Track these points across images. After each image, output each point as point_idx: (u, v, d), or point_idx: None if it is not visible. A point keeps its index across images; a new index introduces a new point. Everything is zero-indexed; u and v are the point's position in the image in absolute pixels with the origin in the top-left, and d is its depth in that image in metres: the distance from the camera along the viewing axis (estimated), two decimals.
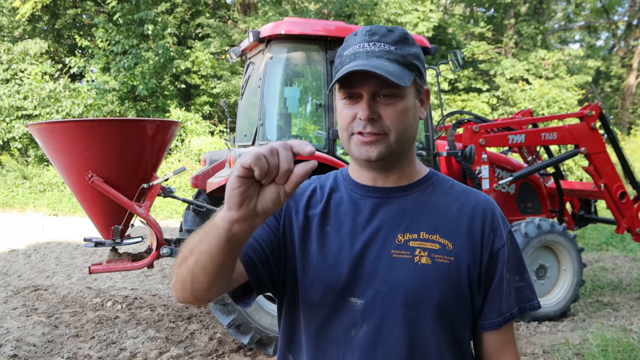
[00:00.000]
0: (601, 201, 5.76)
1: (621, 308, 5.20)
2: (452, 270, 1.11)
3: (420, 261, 1.10)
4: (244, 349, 4.12)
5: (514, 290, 1.18)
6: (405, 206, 1.16)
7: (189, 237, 1.03)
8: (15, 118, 14.74)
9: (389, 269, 1.11)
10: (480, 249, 1.13)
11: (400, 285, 1.10)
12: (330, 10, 15.59)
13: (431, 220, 1.14)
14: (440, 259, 1.11)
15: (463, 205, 1.17)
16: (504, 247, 1.15)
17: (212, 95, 15.88)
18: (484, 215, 1.16)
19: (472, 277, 1.13)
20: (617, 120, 21.62)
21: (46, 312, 4.75)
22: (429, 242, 1.12)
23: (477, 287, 1.14)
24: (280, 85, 4.49)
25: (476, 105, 16.39)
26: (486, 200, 1.19)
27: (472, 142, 4.81)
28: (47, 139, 3.88)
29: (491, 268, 1.15)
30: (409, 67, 1.10)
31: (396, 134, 1.10)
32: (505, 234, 1.16)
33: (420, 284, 1.10)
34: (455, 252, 1.12)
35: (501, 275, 1.15)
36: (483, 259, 1.14)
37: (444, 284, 1.10)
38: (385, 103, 1.09)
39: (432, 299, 1.10)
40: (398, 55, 1.09)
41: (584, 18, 24.93)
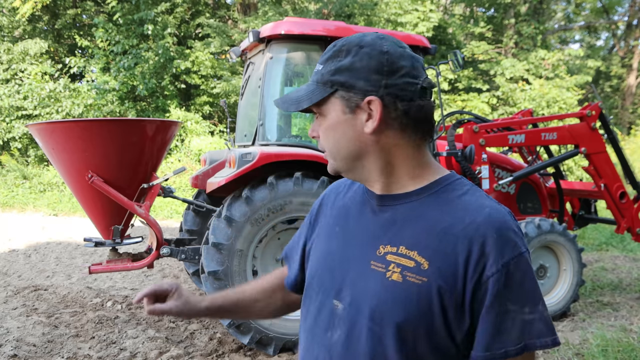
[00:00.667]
0: (601, 201, 5.76)
1: (621, 308, 5.20)
2: (422, 292, 1.02)
3: (392, 277, 1.06)
4: (244, 349, 4.12)
5: (519, 323, 1.01)
6: (395, 216, 1.11)
7: None
8: (15, 118, 14.73)
9: (365, 280, 1.10)
10: (463, 275, 1.01)
11: (368, 298, 1.08)
12: (330, 10, 15.59)
13: (414, 235, 1.07)
14: (412, 278, 1.04)
15: (456, 222, 1.04)
16: (497, 276, 1.00)
17: (212, 95, 15.89)
18: (474, 238, 1.01)
19: (446, 303, 1.02)
20: (617, 120, 21.62)
21: (46, 312, 4.75)
22: (405, 258, 1.06)
23: (456, 314, 1.03)
24: (280, 85, 4.50)
25: (476, 105, 16.39)
26: (486, 220, 1.03)
27: (472, 142, 4.81)
28: (47, 139, 3.88)
29: (479, 298, 1.01)
30: (325, 84, 1.08)
31: (329, 150, 1.13)
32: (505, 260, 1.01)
33: (386, 301, 1.05)
34: (430, 273, 1.02)
35: (490, 306, 1.00)
36: (467, 286, 1.01)
37: (411, 305, 1.03)
38: (318, 122, 1.14)
39: (395, 318, 1.04)
40: (320, 74, 1.10)
41: (584, 18, 24.93)
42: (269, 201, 3.90)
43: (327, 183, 4.03)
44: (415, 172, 1.13)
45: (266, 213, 3.91)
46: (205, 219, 4.98)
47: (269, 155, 3.97)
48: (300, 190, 3.95)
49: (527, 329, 1.02)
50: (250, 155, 3.93)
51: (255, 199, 3.88)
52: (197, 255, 4.27)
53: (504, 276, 1.00)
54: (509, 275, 1.00)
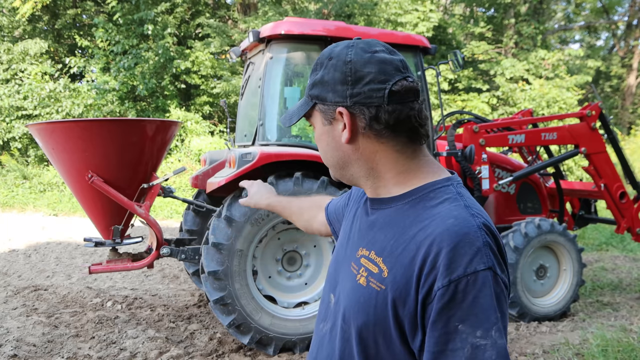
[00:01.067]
0: (601, 201, 5.76)
1: (621, 308, 5.20)
2: (379, 299, 1.02)
3: (359, 280, 1.09)
4: (244, 349, 4.12)
5: (470, 347, 0.92)
6: (377, 220, 1.13)
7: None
8: (15, 118, 14.73)
9: (345, 280, 1.15)
10: (415, 287, 0.97)
11: (343, 297, 1.13)
12: (330, 10, 15.58)
13: (385, 240, 1.07)
14: (373, 284, 1.04)
15: (421, 230, 1.01)
16: (442, 290, 0.93)
17: (212, 95, 15.88)
18: (430, 248, 0.97)
19: (400, 313, 0.99)
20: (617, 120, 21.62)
21: (46, 312, 4.74)
22: (372, 263, 1.07)
23: (411, 327, 0.99)
24: (280, 85, 4.49)
25: (476, 105, 16.38)
26: (446, 230, 0.97)
27: (472, 142, 4.81)
28: (47, 139, 3.87)
29: (428, 312, 0.96)
30: (308, 98, 1.14)
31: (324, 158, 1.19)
32: (455, 276, 0.93)
33: (351, 303, 1.09)
34: (388, 281, 1.02)
35: (435, 322, 0.94)
36: (418, 298, 0.97)
37: (370, 310, 1.04)
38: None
39: (357, 321, 1.07)
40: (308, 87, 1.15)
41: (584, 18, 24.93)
42: None
43: (327, 183, 4.03)
44: (400, 178, 1.11)
45: (266, 213, 3.91)
46: (205, 219, 4.98)
47: (269, 155, 3.97)
48: (300, 190, 3.95)
49: (478, 355, 0.92)
50: (250, 155, 3.93)
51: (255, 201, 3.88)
52: (197, 255, 4.27)
53: (451, 292, 0.93)
54: (457, 292, 0.93)
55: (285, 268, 4.34)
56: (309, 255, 4.36)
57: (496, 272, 0.96)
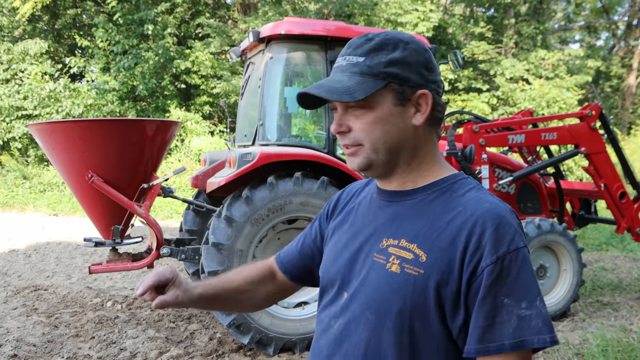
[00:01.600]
0: (601, 201, 5.76)
1: (621, 308, 5.20)
2: (418, 283, 1.05)
3: (391, 268, 1.09)
4: (244, 349, 4.12)
5: (516, 318, 1.00)
6: (400, 211, 1.15)
7: None
8: (15, 118, 14.73)
9: (368, 271, 1.14)
10: (459, 267, 1.03)
11: (369, 289, 1.12)
12: (330, 10, 15.59)
13: (416, 228, 1.10)
14: (409, 269, 1.06)
15: (456, 216, 1.07)
16: (491, 267, 1.00)
17: (212, 95, 15.88)
18: (473, 229, 1.03)
19: (442, 294, 1.04)
20: (617, 120, 21.62)
21: (46, 312, 4.74)
22: (404, 250, 1.09)
23: (452, 307, 1.04)
24: (280, 85, 4.50)
25: (476, 105, 16.39)
26: (485, 213, 1.05)
27: (472, 142, 4.81)
28: (47, 139, 3.88)
29: (474, 289, 1.02)
30: (376, 77, 1.08)
31: (370, 144, 1.11)
32: (501, 253, 1.01)
33: (384, 291, 1.09)
34: (427, 265, 1.05)
35: (484, 297, 1.00)
36: (462, 277, 1.02)
37: (407, 296, 1.05)
38: (355, 115, 1.11)
39: (392, 309, 1.07)
40: (364, 67, 1.09)
41: (584, 18, 24.94)
42: (269, 201, 3.90)
43: (327, 183, 4.02)
44: (431, 169, 1.17)
45: (266, 213, 3.91)
46: (205, 219, 4.98)
47: (269, 155, 3.97)
48: (300, 190, 3.95)
49: (524, 324, 0.99)
50: (250, 155, 3.93)
51: (255, 199, 3.88)
52: (197, 255, 4.27)
53: (499, 268, 1.00)
54: (503, 268, 1.01)
55: None
56: None
57: (529, 249, 1.08)
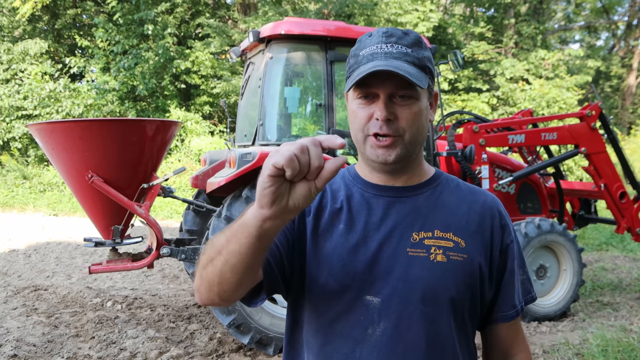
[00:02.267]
0: (601, 201, 5.76)
1: (621, 308, 5.20)
2: (466, 267, 1.14)
3: (436, 259, 1.13)
4: (244, 349, 4.12)
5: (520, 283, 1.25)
6: (418, 205, 1.18)
7: (212, 238, 1.03)
8: (15, 118, 14.73)
9: (406, 267, 1.12)
10: (490, 246, 1.18)
11: (417, 283, 1.12)
12: (330, 10, 15.59)
13: (444, 218, 1.17)
14: (455, 256, 1.14)
15: (472, 204, 1.21)
16: (513, 243, 1.21)
17: (212, 95, 15.88)
18: (492, 213, 1.21)
19: (483, 273, 1.17)
20: (617, 120, 21.62)
21: (46, 312, 4.74)
22: (443, 240, 1.15)
23: (487, 283, 1.19)
24: (280, 85, 4.49)
25: (476, 105, 16.38)
26: (493, 199, 1.24)
27: (472, 142, 4.81)
28: (47, 139, 3.88)
29: (502, 263, 1.20)
30: (424, 70, 1.12)
31: (410, 135, 1.12)
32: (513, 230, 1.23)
33: (438, 281, 1.12)
34: (468, 249, 1.15)
35: (512, 269, 1.21)
36: (494, 255, 1.19)
37: (459, 281, 1.14)
38: (401, 104, 1.10)
39: (448, 295, 1.13)
40: (415, 58, 1.10)
41: (584, 18, 24.93)
42: None
43: None
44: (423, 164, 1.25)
45: None
46: (205, 219, 4.98)
47: None
48: None
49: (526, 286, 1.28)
50: (250, 155, 3.93)
51: (255, 199, 3.87)
52: (197, 255, 4.27)
53: (516, 242, 1.23)
54: (516, 242, 1.23)
55: None
56: None
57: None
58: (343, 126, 5.12)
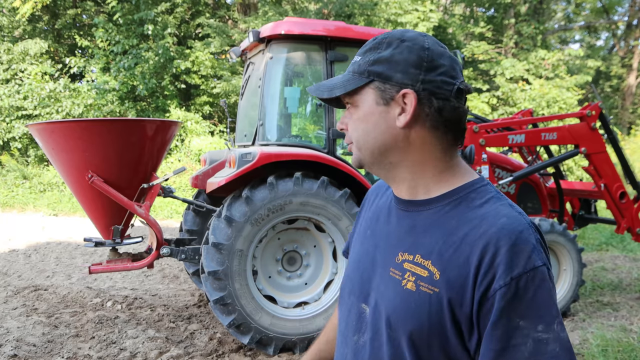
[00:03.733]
0: (601, 201, 5.76)
1: (621, 308, 5.20)
2: (433, 302, 1.00)
3: (406, 285, 1.05)
4: (244, 349, 4.12)
5: (532, 342, 0.94)
6: (416, 223, 1.10)
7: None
8: (15, 118, 14.73)
9: (384, 286, 1.10)
10: (472, 286, 0.97)
11: (386, 304, 1.08)
12: (330, 10, 15.58)
13: (431, 243, 1.05)
14: (425, 287, 1.02)
15: (471, 230, 1.01)
16: (504, 289, 0.94)
17: (212, 95, 15.88)
18: (486, 248, 0.97)
19: (457, 315, 0.99)
20: (617, 120, 21.63)
21: (46, 312, 4.75)
22: (419, 267, 1.04)
23: (468, 327, 0.99)
24: (280, 85, 4.50)
25: (476, 105, 16.39)
26: (500, 230, 0.98)
27: (472, 142, 4.81)
28: (47, 139, 3.88)
29: (485, 311, 0.96)
30: (361, 74, 1.08)
31: (355, 142, 1.13)
32: (516, 274, 0.94)
33: (399, 309, 1.05)
34: (441, 283, 1.00)
35: (496, 321, 0.95)
36: (474, 298, 0.97)
37: (423, 315, 1.01)
38: (349, 112, 1.13)
39: (407, 327, 1.03)
40: (356, 65, 1.10)
41: (584, 18, 24.94)
42: (269, 201, 3.90)
43: (327, 183, 4.03)
44: (442, 176, 1.10)
45: (266, 213, 3.91)
46: (205, 219, 4.98)
47: (269, 155, 3.97)
48: (300, 190, 3.95)
49: (541, 348, 0.93)
50: (250, 155, 3.93)
51: (255, 199, 3.88)
52: (197, 255, 4.27)
53: (513, 290, 0.94)
54: (519, 289, 0.94)
55: (285, 268, 4.34)
56: (309, 255, 4.36)
57: (549, 267, 0.98)
58: None
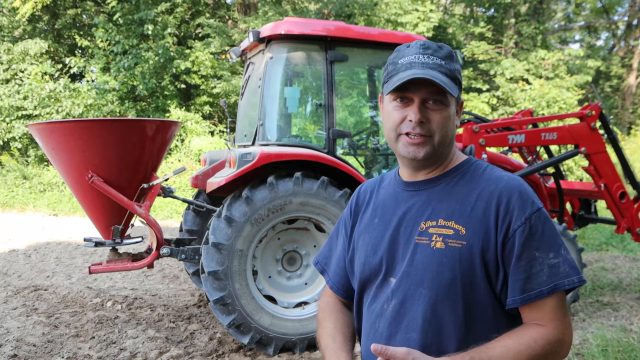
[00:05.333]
0: (601, 201, 5.75)
1: (621, 308, 5.19)
2: (464, 253, 1.22)
3: (436, 246, 1.25)
4: (244, 349, 4.12)
5: (547, 267, 1.21)
6: (432, 196, 1.32)
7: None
8: (15, 118, 14.73)
9: (412, 253, 1.28)
10: (495, 232, 1.22)
11: (418, 267, 1.26)
12: (330, 10, 15.58)
13: (449, 207, 1.27)
14: (453, 243, 1.23)
15: (483, 191, 1.26)
16: (522, 227, 1.20)
17: (212, 95, 15.88)
18: (499, 199, 1.23)
19: (486, 258, 1.22)
20: (617, 120, 21.62)
21: (46, 312, 4.74)
22: (444, 228, 1.25)
23: (494, 268, 1.23)
24: (280, 85, 4.49)
25: (476, 105, 16.38)
26: (506, 185, 1.26)
27: (472, 142, 4.80)
28: (47, 139, 3.88)
29: (508, 249, 1.21)
30: (454, 81, 1.27)
31: (440, 136, 1.28)
32: (527, 215, 1.21)
33: (434, 266, 1.24)
34: (468, 236, 1.23)
35: (519, 254, 1.20)
36: (498, 240, 1.21)
37: (456, 266, 1.22)
38: (433, 109, 1.27)
39: (445, 280, 1.23)
40: (447, 69, 1.27)
41: (584, 18, 24.93)
42: (269, 201, 3.90)
43: (327, 183, 4.02)
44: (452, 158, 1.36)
45: (266, 213, 3.91)
46: (205, 219, 4.98)
47: (269, 155, 3.97)
48: (300, 190, 3.95)
49: (554, 271, 1.21)
50: (250, 155, 3.93)
51: (255, 199, 3.88)
52: (197, 255, 4.27)
53: (528, 227, 1.21)
54: (531, 227, 1.21)
55: (285, 268, 4.34)
56: (309, 255, 4.36)
57: (544, 207, 1.25)
58: (342, 126, 5.12)
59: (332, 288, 1.55)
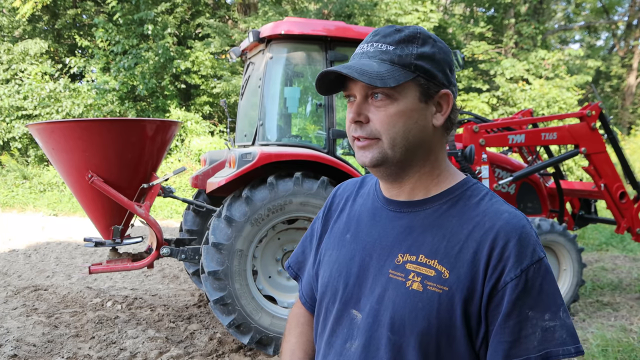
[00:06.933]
0: (601, 201, 5.76)
1: (621, 308, 5.19)
2: (444, 301, 1.00)
3: (412, 286, 1.03)
4: (244, 349, 4.12)
5: (540, 331, 0.98)
6: (414, 224, 1.09)
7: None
8: (15, 118, 14.73)
9: (383, 289, 1.07)
10: (482, 280, 1.00)
11: (388, 307, 1.05)
12: (330, 10, 15.58)
13: (434, 242, 1.05)
14: (433, 287, 1.02)
15: (476, 228, 1.03)
16: (516, 281, 0.98)
17: (212, 95, 15.88)
18: (494, 242, 1.00)
19: (469, 310, 1.00)
20: (617, 120, 21.62)
21: (46, 312, 4.74)
22: (425, 267, 1.03)
23: (477, 322, 1.01)
24: (280, 85, 4.50)
25: (476, 105, 16.39)
26: (505, 224, 1.02)
27: (472, 142, 4.81)
28: (47, 139, 3.88)
29: (495, 303, 0.99)
30: (406, 67, 1.02)
31: (389, 139, 1.04)
32: (525, 266, 0.98)
33: (406, 310, 1.03)
34: (451, 281, 1.01)
35: (508, 312, 0.98)
36: (484, 291, 0.99)
37: (432, 315, 1.01)
38: (376, 105, 1.04)
39: (416, 328, 1.02)
40: (394, 55, 1.03)
41: (584, 18, 24.94)
42: (269, 201, 3.90)
43: (327, 183, 4.02)
44: (441, 177, 1.11)
45: (266, 213, 3.91)
46: (205, 219, 4.98)
47: (269, 155, 3.97)
48: (300, 190, 3.95)
49: (548, 336, 0.98)
50: (250, 155, 3.93)
51: (255, 199, 3.88)
52: (197, 255, 4.27)
53: (523, 281, 0.98)
54: (527, 281, 0.98)
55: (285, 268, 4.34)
56: None
57: (547, 258, 1.03)
58: (343, 126, 5.12)
59: (301, 299, 1.34)
